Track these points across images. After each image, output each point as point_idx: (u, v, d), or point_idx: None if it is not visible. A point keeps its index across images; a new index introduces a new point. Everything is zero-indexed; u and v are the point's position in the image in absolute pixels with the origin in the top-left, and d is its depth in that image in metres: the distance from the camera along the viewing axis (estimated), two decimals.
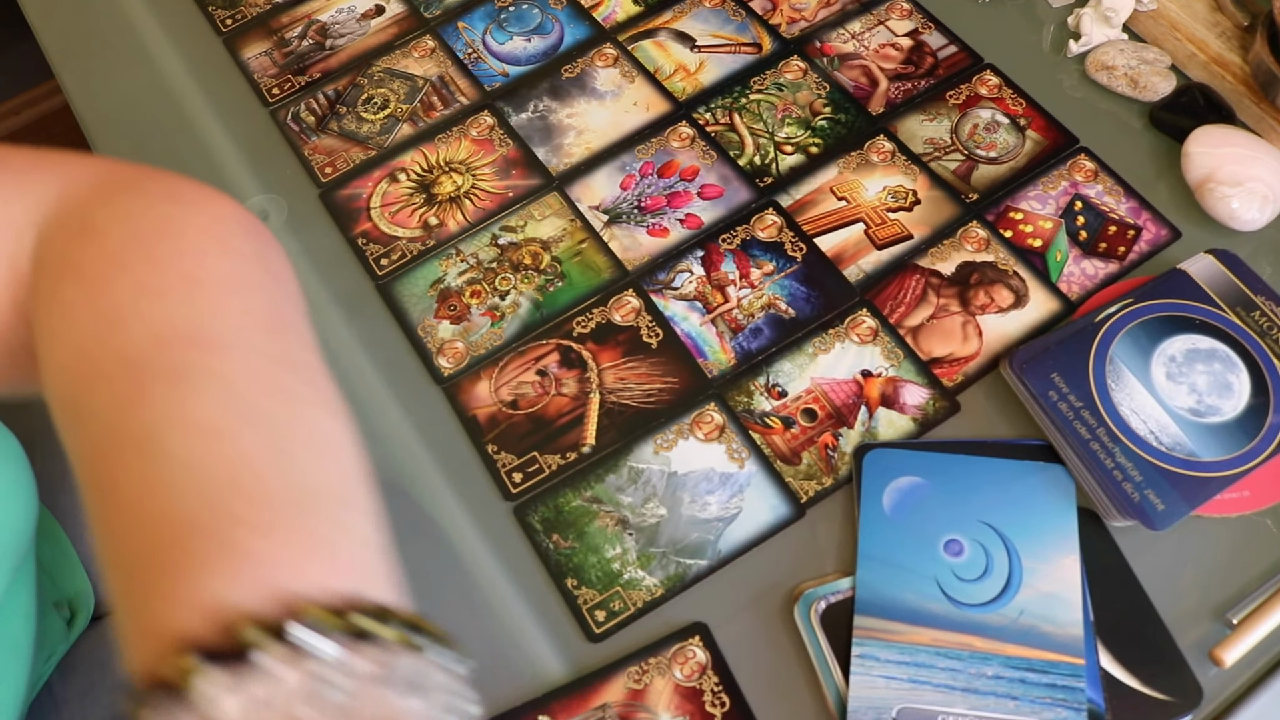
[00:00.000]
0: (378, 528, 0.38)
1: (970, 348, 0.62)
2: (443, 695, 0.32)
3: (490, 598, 0.56)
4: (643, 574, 0.56)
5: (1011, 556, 0.54)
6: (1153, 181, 0.68)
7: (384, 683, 0.30)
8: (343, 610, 0.31)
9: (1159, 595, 0.54)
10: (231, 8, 0.80)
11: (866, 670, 0.52)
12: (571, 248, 0.67)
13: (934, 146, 0.70)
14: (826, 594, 0.54)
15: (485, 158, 0.72)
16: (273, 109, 0.75)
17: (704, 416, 0.60)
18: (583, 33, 0.77)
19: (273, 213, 0.70)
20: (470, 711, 0.33)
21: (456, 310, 0.65)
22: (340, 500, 0.37)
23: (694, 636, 0.54)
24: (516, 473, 0.60)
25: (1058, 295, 0.63)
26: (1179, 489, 0.54)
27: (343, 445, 0.39)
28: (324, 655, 0.29)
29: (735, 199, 0.69)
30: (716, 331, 0.63)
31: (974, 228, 0.66)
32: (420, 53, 0.77)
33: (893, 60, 0.74)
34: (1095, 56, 0.72)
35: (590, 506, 0.58)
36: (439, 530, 0.58)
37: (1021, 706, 0.50)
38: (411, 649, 0.32)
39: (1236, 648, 0.52)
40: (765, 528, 0.57)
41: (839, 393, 0.61)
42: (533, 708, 0.53)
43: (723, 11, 0.78)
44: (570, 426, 0.61)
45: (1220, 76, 0.70)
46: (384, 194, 0.70)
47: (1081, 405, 0.56)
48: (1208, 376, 0.58)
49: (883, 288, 0.64)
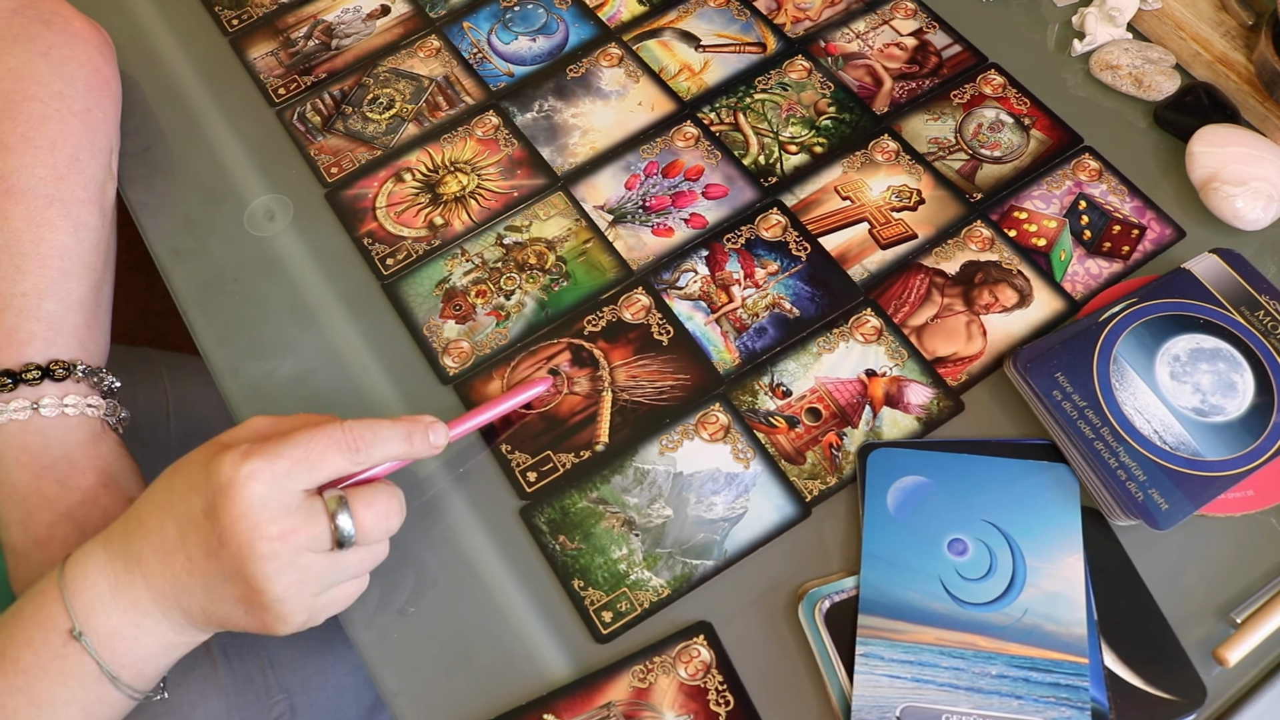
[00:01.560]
0: (71, 306, 0.60)
1: (974, 347, 0.62)
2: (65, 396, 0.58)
3: (498, 598, 0.57)
4: (649, 575, 0.56)
5: (1015, 556, 0.55)
6: (1157, 181, 0.68)
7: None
8: (14, 371, 0.57)
9: (1163, 594, 0.54)
10: (237, 8, 0.81)
11: (870, 669, 0.52)
12: (576, 247, 0.67)
13: (938, 146, 0.70)
14: (830, 593, 0.54)
15: (490, 157, 0.72)
16: (279, 109, 0.75)
17: (709, 417, 0.61)
18: (588, 32, 0.77)
19: (279, 212, 0.70)
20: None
21: (462, 310, 0.66)
22: (43, 294, 0.59)
23: (698, 635, 0.54)
24: (531, 472, 0.60)
25: (1062, 295, 0.64)
26: (1183, 488, 0.54)
27: (66, 254, 0.60)
28: None
29: (740, 198, 0.69)
30: (721, 331, 0.64)
31: (978, 227, 0.66)
32: (425, 52, 0.77)
33: (897, 60, 0.74)
34: (1100, 56, 0.72)
35: (596, 507, 0.58)
36: (448, 531, 0.59)
37: (1025, 706, 0.51)
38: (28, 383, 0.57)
39: (1240, 647, 0.52)
40: (771, 527, 0.57)
41: (843, 392, 0.61)
42: (537, 706, 0.53)
43: (727, 11, 0.78)
44: (583, 425, 0.61)
45: (1225, 76, 0.70)
46: (389, 194, 0.71)
47: (1085, 405, 0.57)
48: (1212, 376, 0.58)
49: (887, 287, 0.65)
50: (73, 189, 0.62)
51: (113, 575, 0.48)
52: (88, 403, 0.58)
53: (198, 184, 0.72)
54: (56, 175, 0.61)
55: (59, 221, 0.61)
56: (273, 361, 0.64)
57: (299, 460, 0.47)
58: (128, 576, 0.48)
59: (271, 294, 0.67)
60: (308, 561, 0.48)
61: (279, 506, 0.47)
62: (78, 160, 0.63)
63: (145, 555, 0.48)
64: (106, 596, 0.48)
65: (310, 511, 0.47)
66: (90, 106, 0.65)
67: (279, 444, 0.47)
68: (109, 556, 0.49)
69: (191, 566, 0.48)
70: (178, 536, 0.48)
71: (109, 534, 0.50)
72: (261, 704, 0.69)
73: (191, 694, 0.65)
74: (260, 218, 0.70)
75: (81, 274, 0.61)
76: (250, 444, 0.47)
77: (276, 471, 0.46)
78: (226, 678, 0.67)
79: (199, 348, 0.66)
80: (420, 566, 0.58)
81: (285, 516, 0.47)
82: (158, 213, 0.71)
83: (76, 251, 0.61)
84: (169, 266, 0.69)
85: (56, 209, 0.61)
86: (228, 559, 0.47)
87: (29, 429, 0.56)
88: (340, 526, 0.48)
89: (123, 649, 0.49)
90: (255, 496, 0.46)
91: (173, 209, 0.71)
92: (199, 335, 0.66)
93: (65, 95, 0.64)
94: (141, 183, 0.72)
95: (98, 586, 0.48)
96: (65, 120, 0.63)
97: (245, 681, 0.68)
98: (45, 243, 0.60)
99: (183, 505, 0.48)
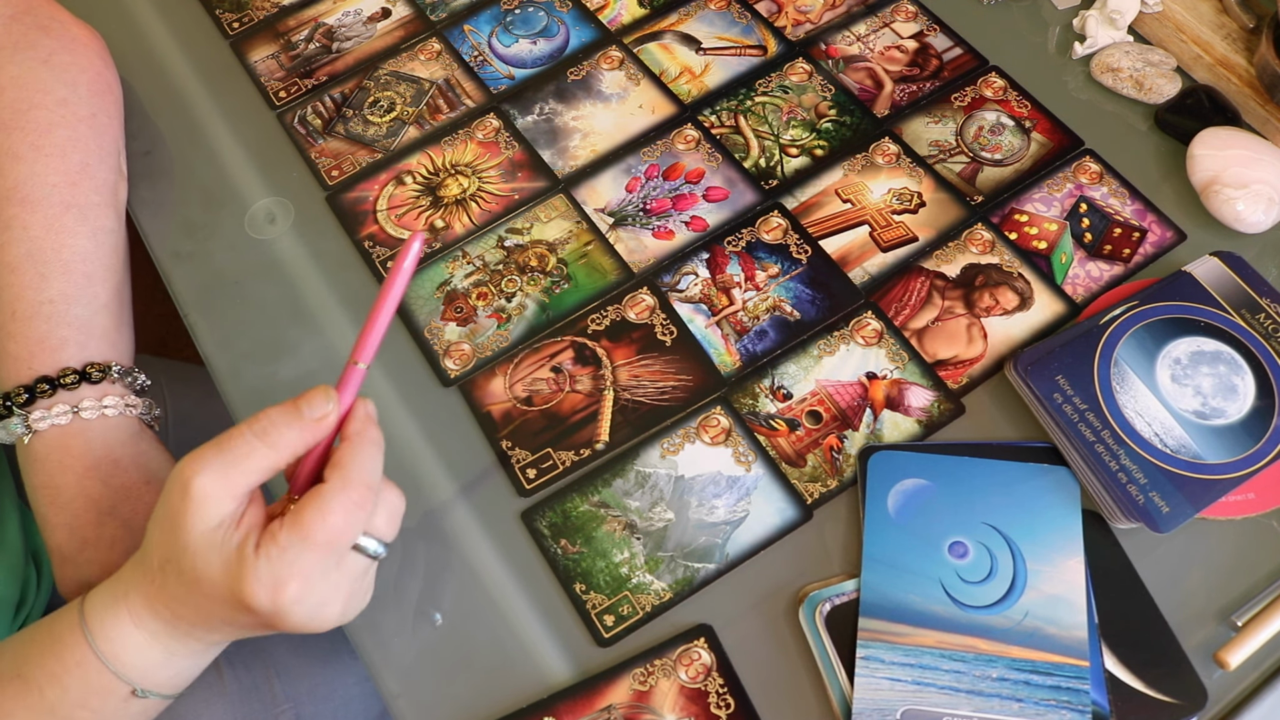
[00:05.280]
0: (98, 309, 0.60)
1: (975, 350, 0.62)
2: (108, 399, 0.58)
3: (499, 602, 0.57)
4: (651, 578, 0.56)
5: (1016, 559, 0.55)
6: (1158, 184, 0.68)
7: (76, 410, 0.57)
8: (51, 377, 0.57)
9: (1163, 597, 0.54)
10: (238, 11, 0.81)
11: (871, 672, 0.52)
12: (577, 250, 0.68)
13: (939, 149, 0.70)
14: (831, 596, 0.54)
15: (491, 160, 0.72)
16: (279, 112, 0.75)
17: (710, 420, 0.61)
18: (588, 35, 0.77)
19: (279, 215, 0.70)
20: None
21: (463, 312, 0.66)
22: (70, 300, 0.59)
23: (699, 638, 0.54)
24: (531, 469, 0.60)
25: (1063, 297, 0.64)
26: (1184, 491, 0.54)
27: (88, 258, 0.61)
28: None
29: (740, 201, 0.69)
30: (721, 334, 0.64)
31: (979, 230, 0.66)
32: (426, 55, 0.77)
33: (898, 63, 0.74)
34: (1100, 59, 0.72)
35: (598, 511, 0.58)
36: (450, 535, 0.59)
37: (1026, 709, 0.51)
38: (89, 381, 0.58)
39: (1241, 650, 0.52)
40: (773, 530, 0.57)
41: (844, 395, 0.61)
42: (538, 709, 0.53)
43: (728, 14, 0.78)
44: (585, 423, 0.61)
45: (1225, 79, 0.70)
46: (390, 197, 0.71)
47: (1086, 408, 0.57)
48: (1213, 379, 0.58)
49: (887, 290, 0.65)
50: (86, 194, 0.62)
51: (162, 648, 0.49)
52: (126, 403, 0.59)
53: (198, 187, 0.72)
54: (70, 181, 0.62)
55: (77, 227, 0.61)
56: (273, 364, 0.64)
57: (321, 548, 0.46)
58: (180, 644, 0.49)
59: (272, 297, 0.67)
60: (360, 587, 0.49)
61: (328, 593, 0.47)
62: (88, 165, 0.63)
63: (196, 633, 0.48)
64: (159, 658, 0.49)
65: (345, 567, 0.47)
66: (95, 111, 0.66)
67: (298, 546, 0.45)
68: (150, 637, 0.48)
69: (254, 633, 0.49)
70: (224, 621, 0.48)
71: (138, 616, 0.48)
72: (267, 712, 0.69)
73: (197, 702, 0.65)
74: (261, 221, 0.70)
75: (104, 277, 0.61)
76: (268, 563, 0.45)
77: (313, 577, 0.46)
78: (232, 685, 0.67)
79: (200, 351, 0.66)
80: (423, 570, 0.58)
81: (334, 595, 0.47)
82: (158, 215, 0.71)
83: (97, 255, 0.61)
84: (170, 269, 0.69)
85: (73, 215, 0.61)
86: (283, 628, 0.48)
87: (70, 433, 0.57)
88: (374, 552, 0.49)
89: (185, 679, 0.51)
90: (309, 610, 0.46)
91: (173, 212, 0.71)
92: (199, 338, 0.66)
93: (70, 101, 0.64)
94: (142, 186, 0.72)
95: (147, 655, 0.48)
96: (73, 126, 0.63)
97: (251, 689, 0.68)
98: (66, 249, 0.60)
99: (227, 615, 0.47)
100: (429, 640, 0.56)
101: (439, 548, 0.58)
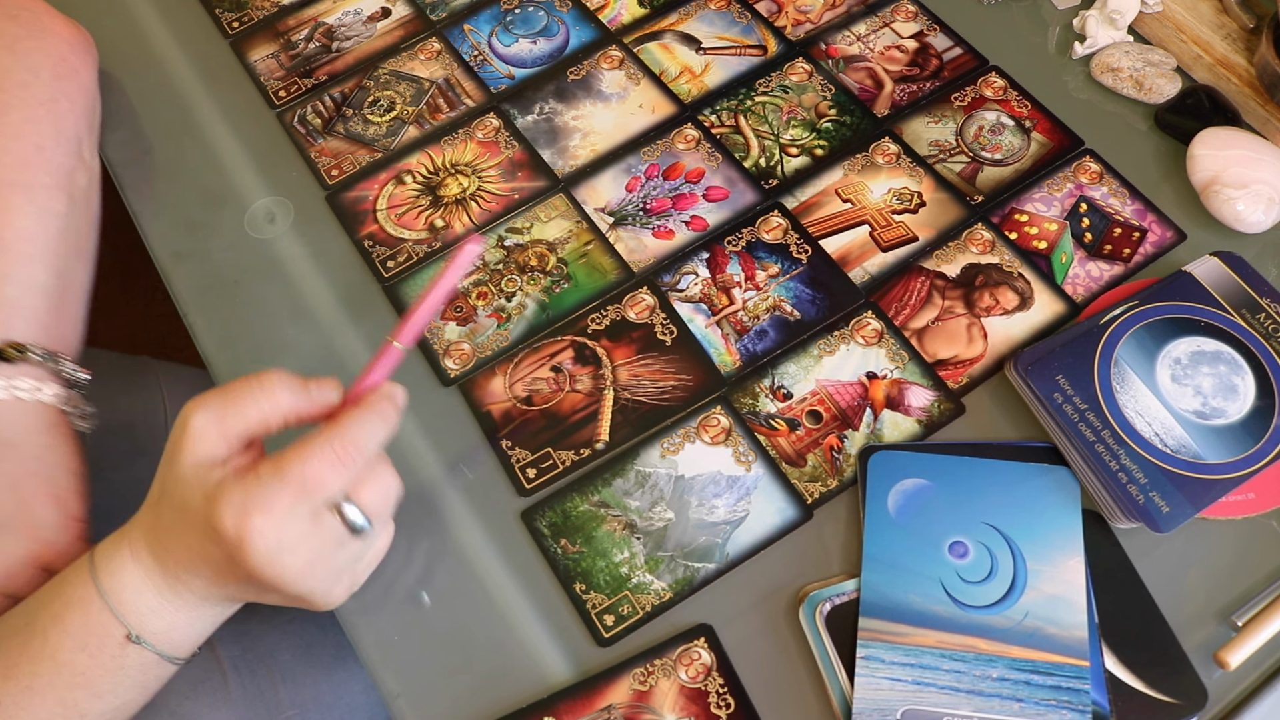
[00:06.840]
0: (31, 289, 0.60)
1: (975, 350, 0.62)
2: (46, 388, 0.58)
3: (499, 601, 0.57)
4: (651, 578, 0.56)
5: (1016, 559, 0.55)
6: (1158, 184, 0.68)
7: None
8: None
9: (1164, 597, 0.54)
10: (238, 10, 0.81)
11: (871, 672, 0.52)
12: (577, 249, 0.68)
13: (939, 149, 0.70)
14: (831, 596, 0.54)
15: (491, 160, 0.72)
16: (279, 111, 0.75)
17: (710, 420, 0.61)
18: (588, 35, 0.77)
19: (279, 215, 0.70)
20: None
21: (463, 312, 0.66)
22: (3, 277, 0.58)
23: (699, 638, 0.54)
24: (531, 468, 0.60)
25: (1063, 297, 0.64)
26: (1184, 491, 0.54)
27: (30, 239, 0.60)
28: None
29: (740, 201, 0.69)
30: (722, 334, 0.64)
31: (979, 230, 0.66)
32: (426, 55, 0.77)
33: (898, 62, 0.74)
34: (1100, 59, 0.72)
35: (598, 511, 0.58)
36: (450, 534, 0.59)
37: (1026, 709, 0.51)
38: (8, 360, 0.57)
39: (1241, 650, 0.52)
40: (773, 530, 0.57)
41: (844, 395, 0.61)
42: (538, 709, 0.53)
43: (728, 14, 0.78)
44: (585, 423, 0.61)
45: (1226, 79, 0.70)
46: (390, 196, 0.71)
47: (1086, 407, 0.57)
48: (1213, 379, 0.58)
49: (888, 290, 0.65)
50: (36, 174, 0.62)
51: (154, 589, 0.49)
52: (47, 389, 0.58)
53: (198, 186, 0.72)
54: (21, 161, 0.62)
55: (23, 205, 0.61)
56: (273, 364, 0.64)
57: (295, 487, 0.46)
58: (171, 590, 0.49)
59: (272, 296, 0.67)
60: (334, 561, 0.49)
61: (294, 540, 0.46)
62: (42, 148, 0.63)
63: (183, 577, 0.48)
64: (154, 602, 0.49)
65: (322, 526, 0.47)
66: (56, 96, 0.65)
67: (272, 480, 0.46)
68: (145, 573, 0.49)
69: (231, 588, 0.49)
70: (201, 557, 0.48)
71: (136, 550, 0.49)
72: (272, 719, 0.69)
73: (201, 707, 0.65)
74: (261, 220, 0.70)
75: (46, 259, 0.61)
76: (242, 489, 0.46)
77: (280, 514, 0.46)
78: (237, 691, 0.67)
79: (199, 350, 0.66)
80: (422, 569, 0.58)
81: (302, 546, 0.46)
82: (158, 215, 0.71)
83: (41, 236, 0.61)
84: (169, 269, 0.69)
85: (20, 194, 0.61)
86: (265, 588, 0.48)
87: None
88: (353, 521, 0.48)
89: (179, 637, 0.50)
90: (269, 547, 0.46)
91: (173, 211, 0.71)
92: (199, 338, 0.66)
93: (30, 85, 0.64)
94: (142, 185, 0.72)
95: (143, 596, 0.48)
96: (29, 109, 0.64)
97: (255, 695, 0.68)
98: (8, 227, 0.60)
99: (202, 548, 0.47)
100: (429, 640, 0.56)
101: (439, 547, 0.58)
